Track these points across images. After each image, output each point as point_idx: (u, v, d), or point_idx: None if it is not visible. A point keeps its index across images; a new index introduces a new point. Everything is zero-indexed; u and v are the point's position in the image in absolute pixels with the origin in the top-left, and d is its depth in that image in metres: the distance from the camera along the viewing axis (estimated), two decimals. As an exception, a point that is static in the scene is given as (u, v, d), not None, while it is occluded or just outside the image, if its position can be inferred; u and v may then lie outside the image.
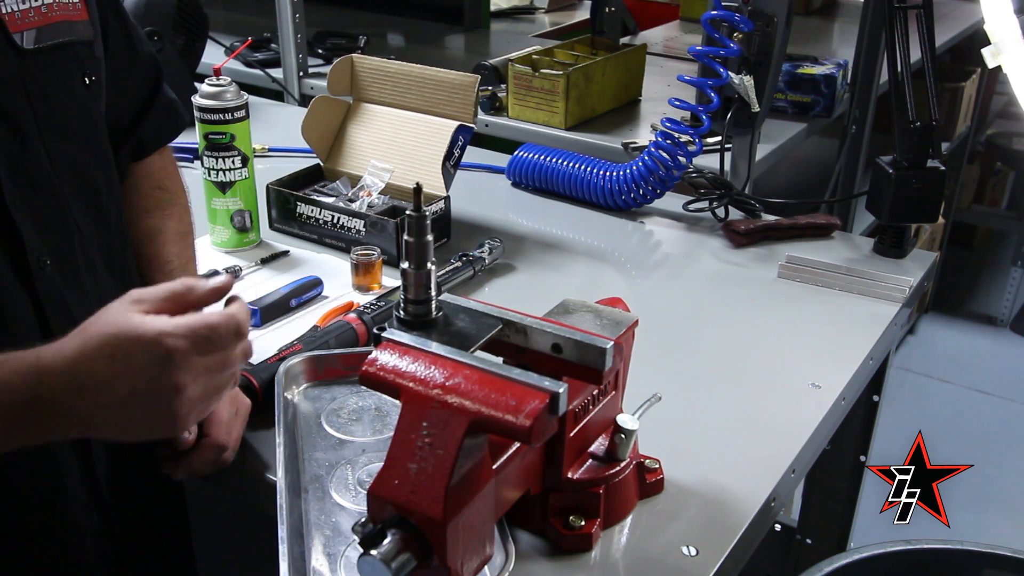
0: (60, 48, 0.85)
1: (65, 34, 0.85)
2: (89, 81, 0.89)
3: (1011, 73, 1.12)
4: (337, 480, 0.92)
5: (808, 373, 1.17)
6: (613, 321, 0.87)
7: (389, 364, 0.74)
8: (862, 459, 1.57)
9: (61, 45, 0.85)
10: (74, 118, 0.88)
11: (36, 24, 0.81)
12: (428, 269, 0.78)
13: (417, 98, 1.52)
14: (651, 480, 0.94)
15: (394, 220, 1.39)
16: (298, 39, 2.32)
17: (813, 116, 2.12)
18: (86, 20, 0.88)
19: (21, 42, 0.80)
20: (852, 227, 2.22)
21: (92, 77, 0.90)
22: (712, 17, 1.50)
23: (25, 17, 0.80)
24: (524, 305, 0.89)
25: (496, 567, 0.81)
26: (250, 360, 0.84)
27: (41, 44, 0.82)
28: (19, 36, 0.80)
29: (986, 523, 2.58)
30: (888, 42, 1.40)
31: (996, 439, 3.03)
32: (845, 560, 1.16)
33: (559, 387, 0.70)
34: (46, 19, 0.83)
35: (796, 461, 1.02)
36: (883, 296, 1.35)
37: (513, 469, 0.80)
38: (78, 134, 0.89)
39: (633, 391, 0.95)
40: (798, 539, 1.75)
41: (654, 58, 2.51)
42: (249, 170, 1.41)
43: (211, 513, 1.50)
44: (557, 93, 1.99)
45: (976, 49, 1.16)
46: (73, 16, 0.86)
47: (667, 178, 1.58)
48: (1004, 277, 3.70)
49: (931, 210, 1.44)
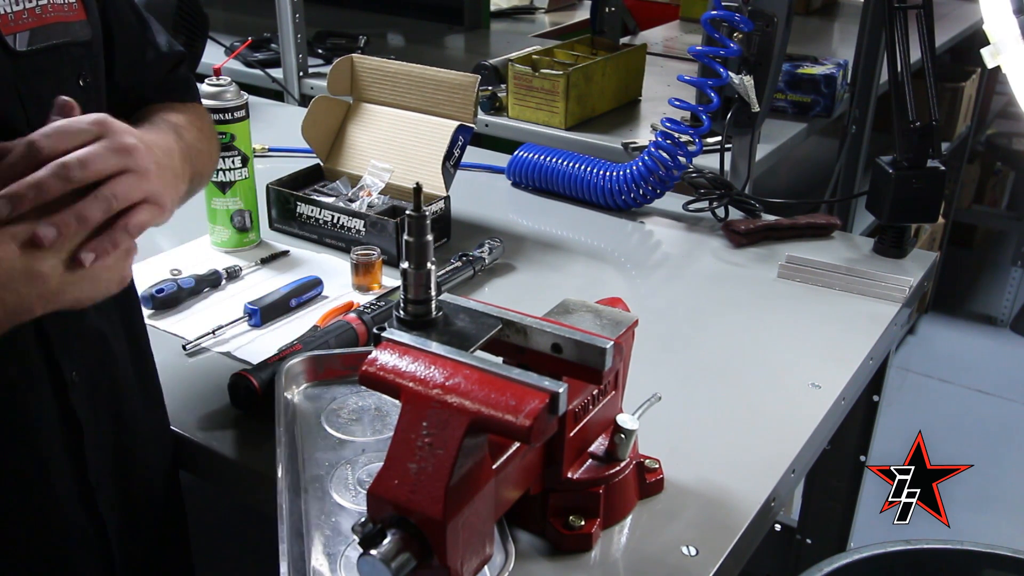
0: (54, 50, 0.84)
1: (60, 35, 0.84)
2: (84, 83, 0.88)
3: (1010, 73, 1.12)
4: (337, 480, 0.92)
5: (808, 373, 1.17)
6: (613, 321, 0.87)
7: (389, 364, 0.74)
8: (862, 459, 1.57)
9: (55, 47, 0.84)
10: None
11: (30, 26, 0.80)
12: (428, 269, 0.78)
13: (417, 98, 1.52)
14: (651, 480, 0.94)
15: (394, 220, 1.39)
16: (298, 39, 2.32)
17: (813, 116, 2.12)
18: (83, 20, 0.87)
19: (14, 44, 0.79)
20: (852, 227, 2.22)
21: (88, 78, 0.89)
22: (712, 17, 1.50)
23: (18, 19, 0.79)
24: (524, 305, 0.89)
25: (496, 567, 0.81)
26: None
27: (35, 46, 0.81)
28: (12, 38, 0.79)
29: (986, 523, 2.58)
30: (888, 42, 1.40)
31: (996, 439, 3.03)
32: (845, 560, 1.16)
33: (559, 387, 0.70)
34: (40, 20, 0.82)
35: (796, 461, 1.02)
36: (883, 296, 1.35)
37: (513, 469, 0.80)
38: None
39: (633, 391, 0.95)
40: (798, 539, 1.75)
41: (654, 58, 2.51)
42: (249, 170, 1.41)
43: (211, 513, 1.50)
44: (557, 93, 1.99)
45: (976, 49, 1.16)
46: (69, 17, 0.85)
47: (667, 178, 1.58)
48: (1004, 277, 3.70)
49: (931, 210, 1.44)
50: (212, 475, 1.08)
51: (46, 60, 0.83)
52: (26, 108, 0.81)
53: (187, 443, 1.05)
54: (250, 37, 2.38)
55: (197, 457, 1.05)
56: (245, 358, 1.17)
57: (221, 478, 1.07)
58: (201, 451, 1.04)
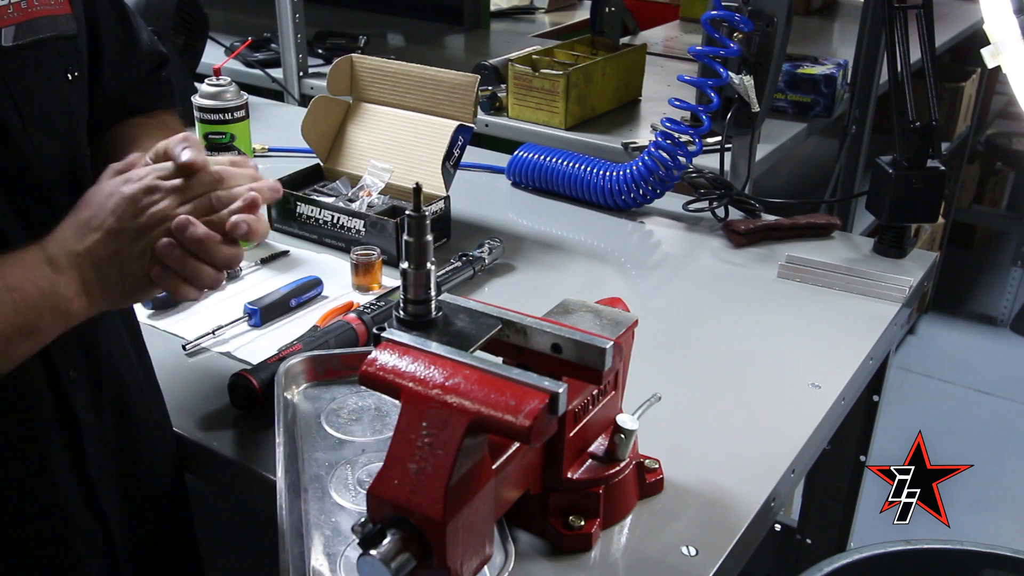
0: (41, 44, 0.83)
1: (47, 29, 0.83)
2: (72, 77, 0.88)
3: (1010, 73, 1.12)
4: (337, 480, 0.92)
5: (808, 373, 1.17)
6: (613, 321, 0.87)
7: (389, 364, 0.74)
8: (862, 459, 1.57)
9: (42, 41, 0.83)
10: (59, 115, 0.87)
11: (16, 20, 0.80)
12: (428, 269, 0.78)
13: (417, 98, 1.52)
14: (651, 480, 0.94)
15: (394, 220, 1.39)
16: (298, 39, 2.32)
17: (813, 116, 2.12)
18: (69, 14, 0.86)
19: (0, 39, 0.79)
20: (852, 227, 2.22)
21: (75, 72, 0.88)
22: (712, 17, 1.50)
23: (4, 13, 0.79)
24: (524, 305, 0.89)
25: (496, 567, 0.81)
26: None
27: (21, 41, 0.80)
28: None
29: (986, 523, 2.58)
30: (888, 42, 1.40)
31: (996, 439, 3.03)
32: (845, 560, 1.16)
33: (559, 387, 0.70)
34: (26, 15, 0.81)
35: (796, 461, 1.02)
36: (883, 296, 1.35)
37: (513, 469, 0.80)
38: (64, 131, 0.88)
39: (633, 391, 0.95)
40: (798, 539, 1.75)
41: (654, 58, 2.51)
42: (249, 170, 1.41)
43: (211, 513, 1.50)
44: (557, 93, 1.99)
45: (976, 49, 1.16)
46: (55, 10, 0.84)
47: (667, 178, 1.58)
48: (1004, 277, 3.70)
49: (931, 210, 1.44)
50: (212, 475, 1.08)
51: (33, 55, 0.82)
52: (17, 104, 0.81)
53: (187, 443, 1.05)
54: (250, 37, 2.38)
55: (197, 457, 1.05)
56: (245, 358, 1.17)
57: (221, 478, 1.06)
58: (201, 451, 1.04)
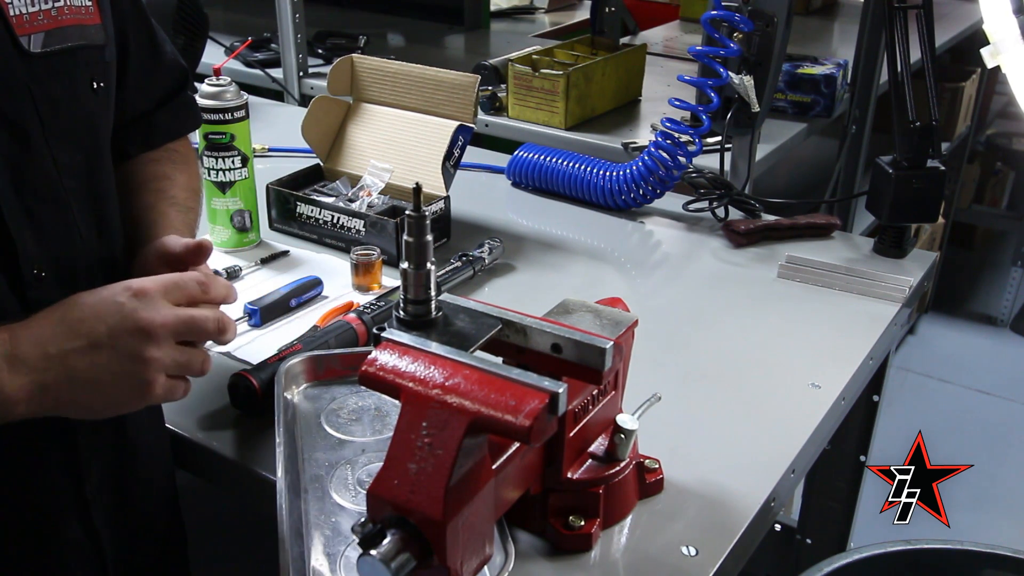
0: (69, 52, 0.83)
1: (75, 38, 0.83)
2: (97, 87, 0.87)
3: (1010, 73, 1.12)
4: (337, 480, 0.92)
5: (808, 373, 1.17)
6: (613, 321, 0.87)
7: (389, 364, 0.74)
8: (862, 459, 1.57)
9: (70, 50, 0.83)
10: (81, 124, 0.87)
11: (45, 27, 0.80)
12: (428, 269, 0.78)
13: (417, 98, 1.52)
14: (651, 480, 0.94)
15: (394, 220, 1.39)
16: (298, 39, 2.32)
17: (813, 116, 2.12)
18: (98, 24, 0.86)
19: (28, 45, 0.78)
20: (852, 227, 2.22)
21: (101, 83, 0.88)
22: (712, 17, 1.50)
23: (34, 20, 0.78)
24: (524, 305, 0.89)
25: (496, 567, 0.81)
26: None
27: (49, 48, 0.80)
28: (26, 39, 0.78)
29: (986, 523, 2.58)
30: (888, 42, 1.40)
31: (996, 439, 3.03)
32: (845, 560, 1.16)
33: (559, 387, 0.70)
34: (56, 22, 0.81)
35: (796, 461, 1.02)
36: (883, 296, 1.34)
37: (513, 469, 0.80)
38: (85, 140, 0.87)
39: (633, 391, 0.95)
40: (798, 539, 1.75)
41: (654, 58, 2.51)
42: (249, 170, 1.41)
43: (211, 513, 1.50)
44: (557, 93, 1.99)
45: (976, 49, 1.16)
46: (85, 20, 0.84)
47: (667, 178, 1.58)
48: (1004, 277, 3.70)
49: (931, 210, 1.44)
50: (212, 475, 1.08)
51: (60, 62, 0.82)
52: (39, 110, 0.80)
53: (187, 443, 1.05)
54: (250, 37, 2.38)
55: (197, 457, 1.05)
56: (245, 358, 1.17)
57: (221, 478, 1.06)
58: (201, 451, 1.04)
